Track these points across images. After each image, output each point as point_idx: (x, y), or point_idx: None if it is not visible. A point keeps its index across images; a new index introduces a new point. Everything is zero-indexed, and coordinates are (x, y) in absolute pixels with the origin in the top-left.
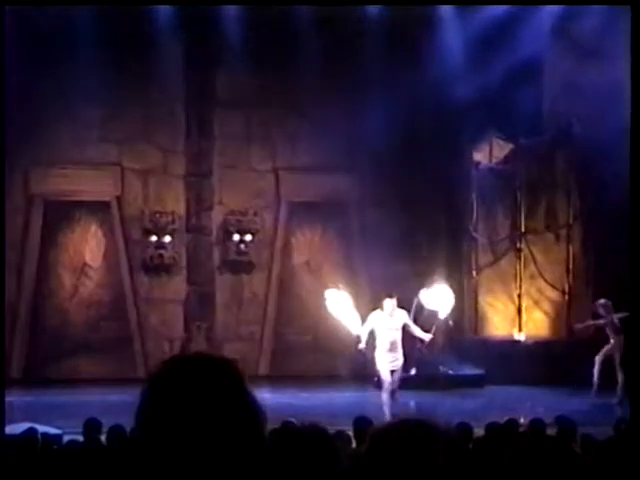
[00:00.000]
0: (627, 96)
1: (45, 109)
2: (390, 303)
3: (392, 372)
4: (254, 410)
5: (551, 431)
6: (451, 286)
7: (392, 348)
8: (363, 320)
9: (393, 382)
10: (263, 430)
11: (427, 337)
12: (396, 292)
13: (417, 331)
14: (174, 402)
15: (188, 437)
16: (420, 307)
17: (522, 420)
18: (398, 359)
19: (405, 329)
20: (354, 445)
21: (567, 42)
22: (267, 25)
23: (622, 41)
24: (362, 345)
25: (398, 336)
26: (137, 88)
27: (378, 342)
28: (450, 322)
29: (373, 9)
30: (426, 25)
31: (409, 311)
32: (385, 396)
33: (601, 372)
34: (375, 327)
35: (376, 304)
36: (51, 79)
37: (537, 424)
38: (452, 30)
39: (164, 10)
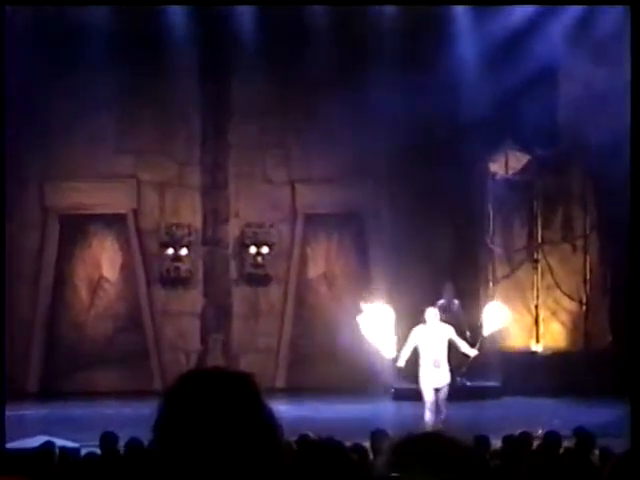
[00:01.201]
0: None
1: (60, 122)
2: (432, 313)
3: (436, 390)
4: (271, 424)
5: (570, 443)
6: (468, 297)
7: (436, 364)
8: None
9: (438, 399)
10: (280, 444)
11: (473, 353)
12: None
13: (463, 346)
14: (191, 416)
15: (205, 451)
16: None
17: (540, 432)
18: (443, 376)
19: (450, 344)
20: (371, 458)
21: (582, 50)
22: (282, 35)
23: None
24: (401, 363)
25: (443, 352)
26: (152, 99)
27: (422, 359)
28: (467, 333)
29: (388, 19)
30: (440, 35)
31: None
32: (428, 415)
33: None
34: (418, 343)
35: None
36: (65, 91)
37: (552, 436)
38: (467, 40)
39: (179, 20)
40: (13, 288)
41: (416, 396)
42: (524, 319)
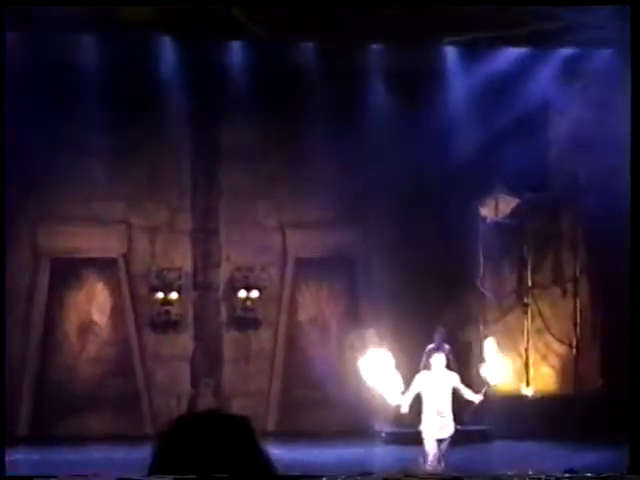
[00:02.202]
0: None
1: (52, 165)
2: (438, 359)
3: (439, 441)
4: (267, 466)
5: None
6: (459, 341)
7: (440, 414)
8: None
9: (440, 451)
10: None
11: (477, 399)
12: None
13: (467, 393)
14: (187, 458)
15: None
16: (427, 364)
17: (530, 473)
18: (447, 425)
19: (454, 392)
20: None
21: (573, 92)
22: (272, 79)
23: (629, 92)
24: (404, 409)
25: (448, 400)
26: (142, 145)
27: (425, 407)
28: (458, 378)
29: (378, 62)
30: (430, 80)
31: (427, 367)
32: (429, 468)
33: None
34: (422, 390)
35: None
36: (57, 134)
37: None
38: (456, 83)
39: (169, 67)
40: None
41: (407, 440)
42: (514, 363)
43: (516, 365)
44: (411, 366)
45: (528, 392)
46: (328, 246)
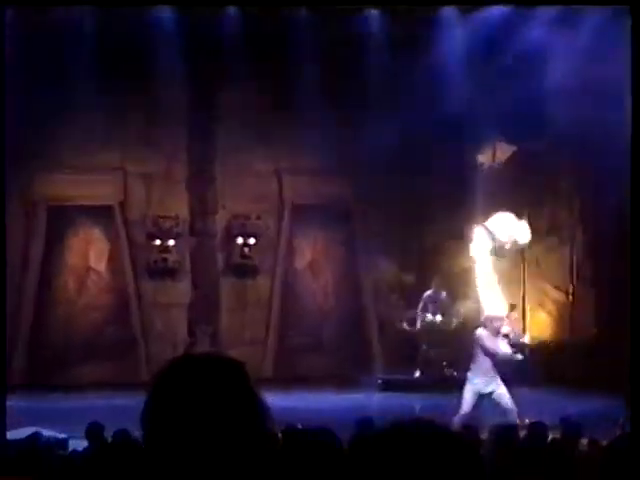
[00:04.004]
0: (629, 98)
1: (47, 114)
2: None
3: (481, 395)
4: (261, 411)
5: (556, 433)
6: (455, 289)
7: (486, 372)
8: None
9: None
10: (270, 431)
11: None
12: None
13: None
14: (180, 401)
15: (194, 436)
16: (425, 308)
17: (526, 422)
18: (490, 381)
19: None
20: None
21: (568, 45)
22: (268, 30)
23: (623, 42)
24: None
25: (485, 358)
26: (139, 93)
27: (473, 363)
28: (454, 322)
29: (373, 14)
30: (426, 29)
31: (425, 312)
32: (456, 421)
33: None
34: (476, 344)
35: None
36: (54, 86)
37: (538, 427)
38: (453, 33)
39: (167, 18)
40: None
41: (403, 387)
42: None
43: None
44: (407, 312)
45: (524, 339)
46: (325, 193)
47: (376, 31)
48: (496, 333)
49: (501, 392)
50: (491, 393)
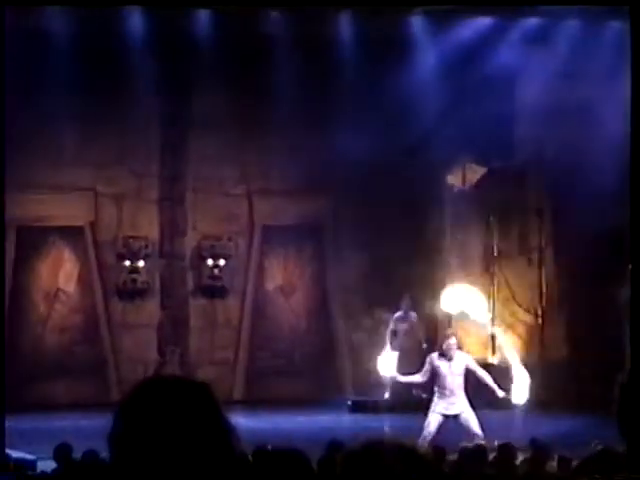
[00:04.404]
0: (600, 117)
1: (18, 132)
2: (448, 344)
3: (445, 417)
4: (228, 433)
5: (525, 455)
6: (424, 310)
7: (451, 392)
8: None
9: (466, 427)
10: (237, 453)
11: (500, 393)
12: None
13: (487, 378)
14: (147, 423)
15: (162, 459)
16: (394, 332)
17: (495, 443)
18: (455, 404)
19: (470, 374)
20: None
21: (541, 62)
22: (241, 47)
23: (595, 60)
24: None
25: (459, 381)
26: (111, 112)
27: (436, 387)
28: (424, 345)
29: (347, 31)
30: (398, 47)
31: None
32: (420, 443)
33: None
34: (434, 371)
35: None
36: (24, 102)
37: (507, 448)
38: (424, 52)
39: (137, 34)
40: None
41: (373, 408)
42: (480, 331)
43: (482, 334)
44: (377, 333)
45: (493, 361)
46: (295, 214)
47: (349, 49)
48: (447, 352)
49: (468, 415)
50: (457, 415)
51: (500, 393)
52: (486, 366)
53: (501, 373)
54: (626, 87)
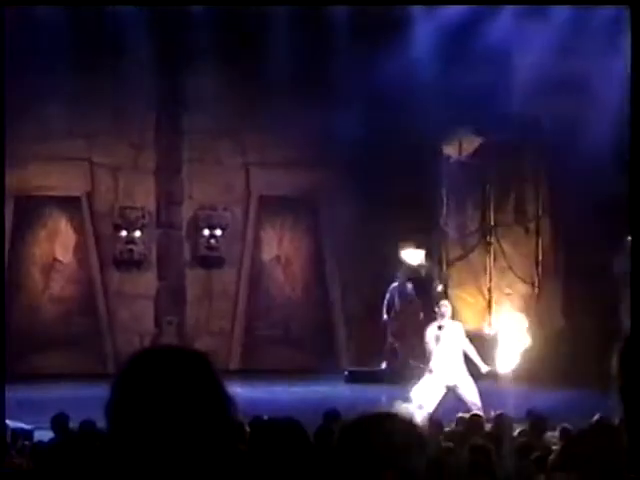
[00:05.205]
0: (595, 91)
1: (14, 104)
2: (442, 314)
3: (447, 387)
4: (225, 402)
5: (522, 426)
6: (421, 279)
7: (448, 364)
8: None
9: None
10: (234, 422)
11: (483, 368)
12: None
13: (473, 354)
14: (144, 394)
15: (159, 429)
16: (391, 303)
17: (492, 414)
18: (453, 374)
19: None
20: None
21: (537, 37)
22: (236, 20)
23: (592, 36)
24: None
25: (453, 352)
26: (107, 83)
27: (434, 357)
28: (421, 315)
29: (342, 6)
30: (395, 19)
31: (391, 304)
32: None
33: None
34: (432, 340)
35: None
36: (20, 74)
37: (503, 419)
38: (422, 24)
39: (135, 10)
40: None
41: (369, 379)
42: (477, 301)
43: (479, 304)
44: (374, 304)
45: (491, 331)
46: (292, 185)
47: (344, 22)
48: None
49: (466, 385)
50: (455, 385)
51: (484, 368)
52: (482, 337)
53: (496, 344)
54: (622, 60)
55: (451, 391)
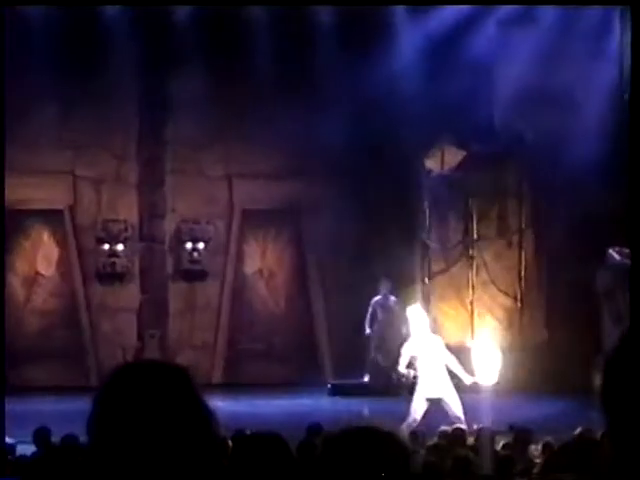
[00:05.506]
0: (579, 103)
1: None
2: (416, 324)
3: (429, 400)
4: (207, 417)
5: (505, 439)
6: (404, 293)
7: (432, 378)
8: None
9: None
10: (216, 437)
11: (467, 380)
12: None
13: (454, 365)
14: (126, 409)
15: (141, 443)
16: (374, 316)
17: (474, 427)
18: (436, 387)
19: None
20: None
21: (519, 47)
22: (220, 30)
23: (575, 47)
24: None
25: (435, 363)
26: (89, 95)
27: (418, 370)
28: (403, 329)
29: (326, 13)
30: (378, 30)
31: (374, 317)
32: (404, 428)
33: None
34: (413, 354)
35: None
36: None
37: (485, 432)
38: (404, 35)
39: (117, 16)
40: None
41: (353, 392)
42: (459, 315)
43: (461, 317)
44: (356, 318)
45: (473, 344)
46: (275, 198)
47: (328, 31)
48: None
49: (449, 398)
50: (439, 399)
51: (467, 380)
52: (465, 350)
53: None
54: (606, 73)
55: (433, 405)
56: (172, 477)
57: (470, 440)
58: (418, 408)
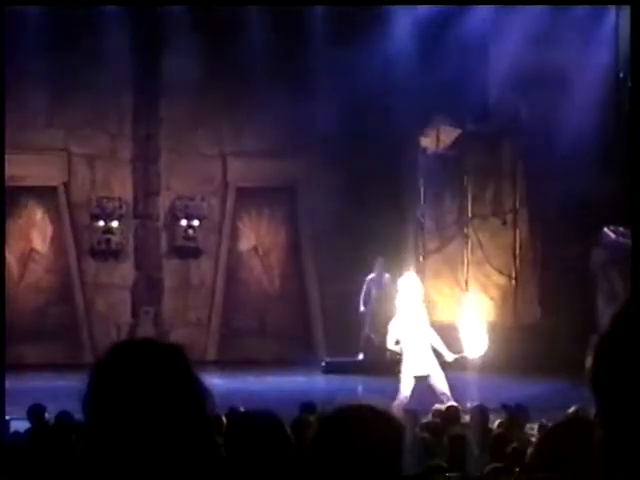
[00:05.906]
0: (573, 83)
1: None
2: (406, 295)
3: (417, 378)
4: (201, 395)
5: (498, 417)
6: (398, 271)
7: (419, 355)
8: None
9: (412, 396)
10: (210, 414)
11: (449, 357)
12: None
13: (438, 344)
14: (121, 386)
15: (135, 421)
16: (368, 294)
17: (468, 406)
18: (423, 365)
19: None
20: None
21: (514, 28)
22: (215, 12)
23: (570, 27)
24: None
25: (421, 340)
26: (84, 73)
27: (405, 348)
28: (397, 306)
29: None
30: (373, 10)
31: (368, 295)
32: (395, 406)
33: None
34: (398, 330)
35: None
36: None
37: (480, 410)
38: (399, 15)
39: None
40: None
41: (347, 369)
42: (454, 293)
43: (455, 296)
44: (351, 296)
45: (463, 322)
46: (269, 175)
47: (322, 12)
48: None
49: (436, 376)
50: (426, 376)
51: (449, 357)
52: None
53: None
54: (601, 52)
55: (419, 382)
56: (167, 454)
57: (465, 418)
58: (406, 386)
